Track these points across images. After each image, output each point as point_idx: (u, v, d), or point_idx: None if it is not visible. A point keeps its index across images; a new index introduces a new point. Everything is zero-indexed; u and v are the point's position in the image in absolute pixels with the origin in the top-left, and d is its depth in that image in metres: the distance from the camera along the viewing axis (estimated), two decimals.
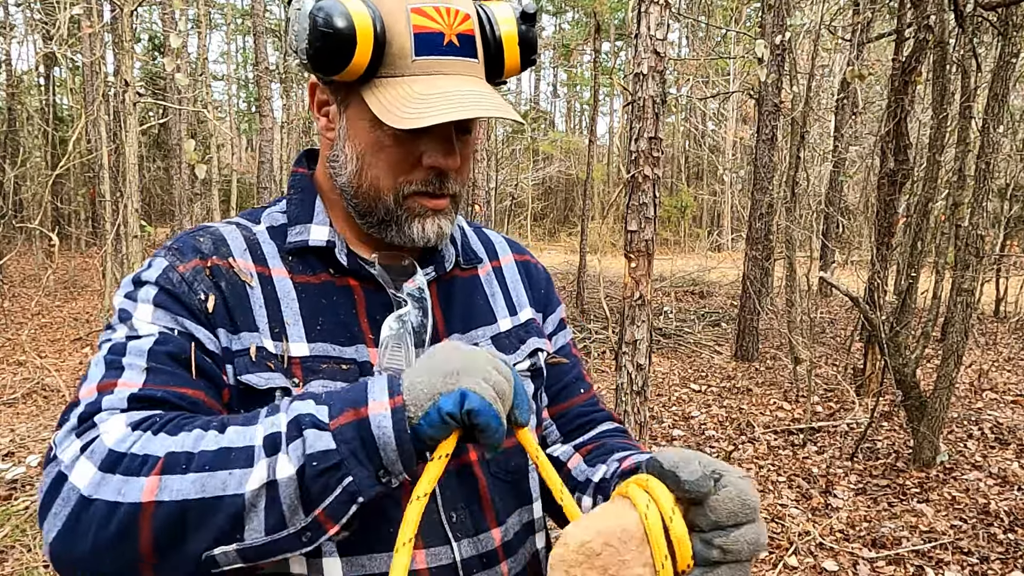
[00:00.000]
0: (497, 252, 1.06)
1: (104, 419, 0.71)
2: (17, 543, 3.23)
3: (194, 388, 0.76)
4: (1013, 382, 6.56)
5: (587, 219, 11.58)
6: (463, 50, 0.83)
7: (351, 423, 0.68)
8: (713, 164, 23.05)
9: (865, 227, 9.92)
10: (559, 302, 1.10)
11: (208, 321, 0.80)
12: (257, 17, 10.84)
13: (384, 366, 0.84)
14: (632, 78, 3.42)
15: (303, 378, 0.81)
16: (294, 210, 0.92)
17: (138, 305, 0.80)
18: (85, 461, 0.67)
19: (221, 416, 0.74)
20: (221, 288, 0.82)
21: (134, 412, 0.72)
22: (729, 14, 13.45)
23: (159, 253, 0.86)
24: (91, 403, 0.72)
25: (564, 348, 1.07)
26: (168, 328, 0.79)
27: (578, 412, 1.03)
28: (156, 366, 0.75)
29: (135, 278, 0.83)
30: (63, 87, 18.63)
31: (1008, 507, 3.79)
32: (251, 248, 0.88)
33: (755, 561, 3.37)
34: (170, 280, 0.81)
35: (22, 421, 5.16)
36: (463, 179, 0.90)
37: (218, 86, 29.69)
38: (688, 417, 5.64)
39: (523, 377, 0.95)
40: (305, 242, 0.89)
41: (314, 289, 0.87)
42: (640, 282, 3.42)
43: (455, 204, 0.91)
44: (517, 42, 0.88)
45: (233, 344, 0.81)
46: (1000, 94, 4.06)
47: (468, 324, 0.94)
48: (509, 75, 0.90)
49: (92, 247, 15.17)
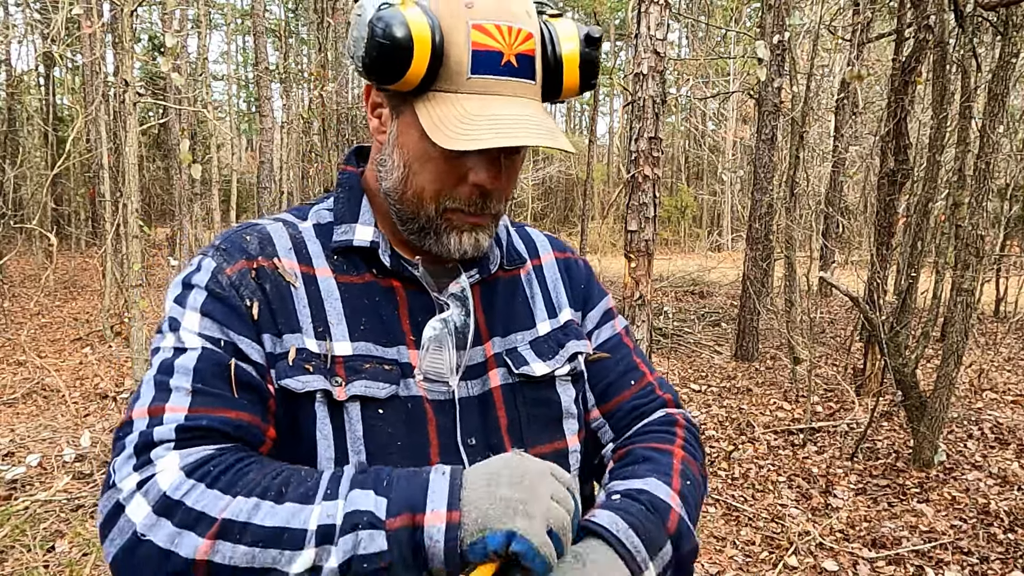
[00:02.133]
0: (538, 250, 1.05)
1: (160, 455, 0.74)
2: (17, 543, 3.22)
3: (237, 409, 0.78)
4: (1013, 382, 6.57)
5: (587, 219, 11.58)
6: (521, 71, 0.82)
7: (407, 528, 0.70)
8: (713, 164, 23.05)
9: (865, 227, 9.91)
10: (602, 294, 1.08)
11: (254, 327, 0.82)
12: (257, 17, 10.84)
13: (424, 368, 0.85)
14: (632, 78, 3.42)
15: (346, 377, 0.82)
16: (340, 209, 0.93)
17: (186, 312, 0.82)
18: (141, 499, 0.72)
19: (276, 470, 0.75)
20: (266, 290, 0.84)
21: (185, 448, 0.75)
22: (729, 14, 13.45)
23: (207, 252, 0.87)
24: (144, 432, 0.75)
25: (609, 341, 1.04)
26: (214, 340, 0.80)
27: (631, 406, 1.00)
28: (201, 387, 0.78)
29: (185, 279, 0.85)
30: (63, 87, 18.62)
31: (1008, 507, 3.79)
32: (296, 247, 0.89)
33: (755, 561, 3.37)
34: (219, 283, 0.83)
35: (22, 421, 5.16)
36: (507, 197, 0.90)
37: (218, 86, 29.72)
38: None
39: (563, 382, 0.95)
40: (350, 241, 0.89)
41: (357, 289, 0.88)
42: (640, 282, 3.42)
43: (495, 220, 0.91)
44: (578, 63, 0.87)
45: (276, 348, 0.82)
46: (1000, 94, 4.06)
47: (508, 328, 0.95)
48: (567, 95, 0.89)
49: (92, 247, 15.17)
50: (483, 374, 0.91)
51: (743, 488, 4.21)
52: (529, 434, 0.91)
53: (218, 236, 0.90)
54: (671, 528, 0.84)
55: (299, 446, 0.82)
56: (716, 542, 3.55)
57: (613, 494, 0.87)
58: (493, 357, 0.92)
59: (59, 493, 3.73)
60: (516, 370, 0.92)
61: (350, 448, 0.82)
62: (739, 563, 3.35)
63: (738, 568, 3.31)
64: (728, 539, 3.58)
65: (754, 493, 4.15)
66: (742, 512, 3.88)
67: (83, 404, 5.62)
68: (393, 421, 0.83)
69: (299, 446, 0.82)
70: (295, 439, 0.82)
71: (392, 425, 0.83)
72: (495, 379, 0.91)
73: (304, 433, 0.82)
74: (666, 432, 0.97)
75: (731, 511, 3.91)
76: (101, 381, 6.26)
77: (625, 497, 0.85)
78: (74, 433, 4.77)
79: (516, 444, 0.90)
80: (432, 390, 0.86)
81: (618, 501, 0.85)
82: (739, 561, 3.37)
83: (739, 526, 3.74)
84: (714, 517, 3.83)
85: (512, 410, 0.91)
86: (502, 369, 0.92)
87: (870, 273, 5.58)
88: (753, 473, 4.44)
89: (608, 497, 0.87)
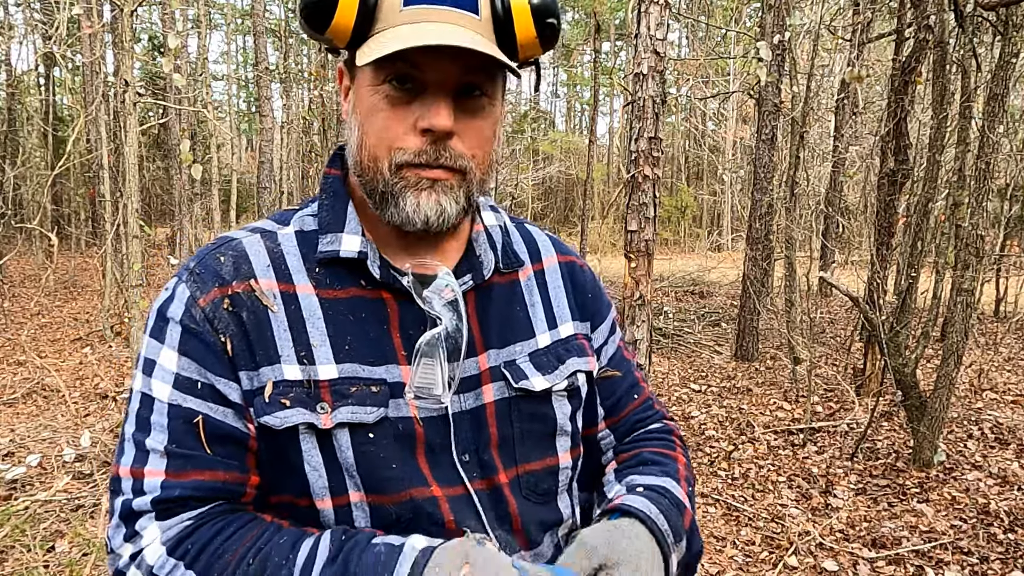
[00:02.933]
0: (540, 253, 0.99)
1: (143, 526, 0.78)
2: (17, 543, 3.22)
3: (211, 469, 0.78)
4: (1013, 382, 6.56)
5: (587, 219, 11.58)
6: (458, 1, 0.77)
7: None
8: (713, 164, 23.05)
9: (865, 227, 9.92)
10: (609, 305, 1.04)
11: (230, 362, 0.79)
12: (257, 17, 10.84)
13: (416, 384, 0.82)
14: (632, 78, 3.42)
15: (332, 403, 0.79)
16: (325, 216, 0.86)
17: (163, 350, 0.80)
18: (136, 571, 0.77)
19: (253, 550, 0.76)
20: (241, 319, 0.80)
21: (164, 520, 0.77)
22: (729, 14, 13.45)
23: (181, 276, 0.83)
24: (126, 500, 0.78)
25: (615, 356, 1.02)
26: (190, 383, 0.79)
27: (635, 419, 1.02)
28: (174, 449, 0.78)
29: (160, 309, 0.82)
30: (63, 87, 18.63)
31: (1008, 507, 3.79)
32: (275, 263, 0.84)
33: (755, 561, 3.37)
34: (193, 318, 0.80)
35: (22, 421, 5.16)
36: (473, 151, 0.81)
37: (218, 86, 29.71)
38: (688, 417, 5.64)
39: (559, 398, 0.92)
40: (336, 252, 0.84)
41: (342, 305, 0.83)
42: (640, 282, 3.42)
43: (464, 181, 0.82)
44: (529, 12, 0.80)
45: (253, 383, 0.79)
46: (1000, 94, 4.06)
47: (505, 339, 0.90)
48: (526, 48, 0.82)
49: (92, 247, 15.17)
50: (476, 387, 0.87)
51: (743, 488, 4.22)
52: (521, 450, 0.89)
53: (195, 255, 0.85)
54: (687, 524, 0.89)
55: (291, 479, 0.81)
56: (716, 542, 3.55)
57: (637, 487, 0.90)
58: (489, 371, 0.88)
59: (59, 493, 3.73)
60: (515, 384, 0.88)
61: (345, 475, 0.80)
62: (739, 563, 3.35)
63: (738, 568, 3.31)
64: (728, 539, 3.58)
65: (754, 493, 4.15)
66: (742, 512, 3.88)
67: (83, 404, 5.62)
68: (385, 445, 0.80)
69: (291, 479, 0.81)
70: (285, 473, 0.81)
71: (384, 449, 0.80)
72: (489, 393, 0.87)
73: (293, 466, 0.80)
74: (667, 439, 1.01)
75: (731, 511, 3.91)
76: (101, 381, 6.26)
77: (649, 490, 0.89)
78: (74, 433, 4.77)
79: (507, 461, 0.88)
80: (423, 407, 0.83)
81: (644, 492, 0.88)
82: (739, 561, 3.37)
83: (739, 526, 3.74)
84: (714, 517, 3.83)
85: (506, 426, 0.88)
86: (498, 383, 0.88)
87: (870, 273, 5.58)
88: (753, 473, 4.44)
89: (632, 489, 0.90)
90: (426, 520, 0.81)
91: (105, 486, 3.82)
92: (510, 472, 0.88)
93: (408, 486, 0.81)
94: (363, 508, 0.81)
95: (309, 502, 0.81)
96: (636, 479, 0.92)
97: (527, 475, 0.89)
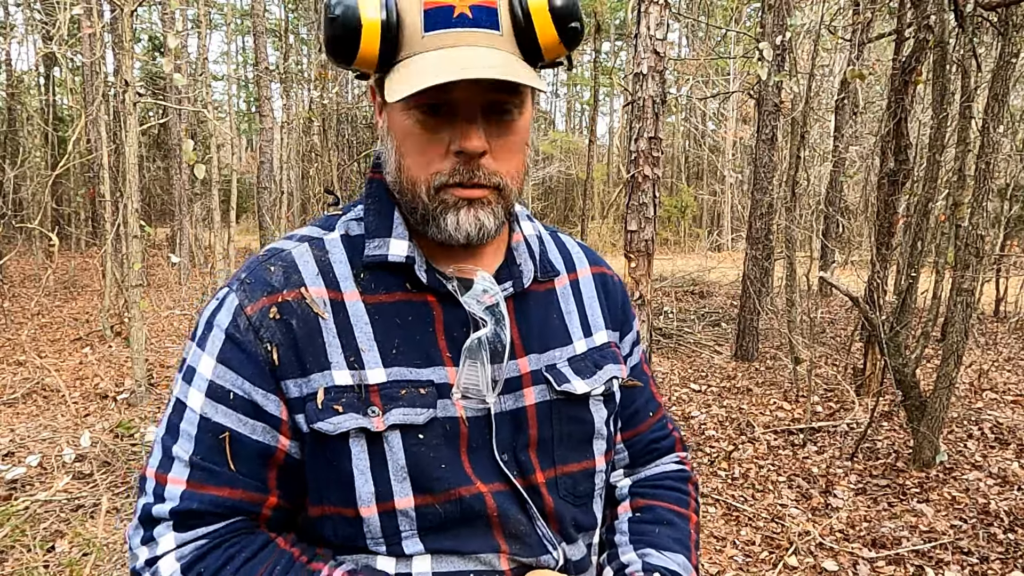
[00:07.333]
0: (575, 263, 1.02)
1: (161, 533, 0.81)
2: (17, 543, 3.22)
3: (231, 486, 0.81)
4: (1013, 382, 6.56)
5: (587, 219, 11.59)
6: (478, 21, 0.77)
7: None
8: (713, 164, 23.05)
9: (865, 227, 9.92)
10: (634, 316, 1.08)
11: (272, 374, 0.81)
12: (257, 17, 10.83)
13: (462, 384, 0.84)
14: (632, 78, 3.42)
15: (383, 407, 0.81)
16: (372, 221, 0.88)
17: (203, 357, 0.83)
18: None
19: None
20: (291, 326, 0.81)
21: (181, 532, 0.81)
22: (729, 14, 13.45)
23: (232, 286, 0.85)
24: (147, 504, 0.82)
25: (637, 367, 1.06)
26: (223, 392, 0.81)
27: (650, 439, 1.06)
28: (199, 461, 0.81)
29: (208, 318, 0.84)
30: (63, 87, 18.62)
31: (1008, 507, 3.79)
32: (323, 271, 0.85)
33: (755, 561, 3.37)
34: (237, 327, 0.82)
35: (22, 421, 5.16)
36: (506, 169, 0.83)
37: (218, 86, 29.70)
38: (688, 417, 5.64)
39: (596, 402, 0.94)
40: (384, 257, 0.85)
41: (388, 309, 0.85)
42: (640, 282, 3.42)
43: (501, 197, 0.84)
44: (548, 14, 0.79)
45: (303, 390, 0.81)
46: (1000, 94, 4.06)
47: (545, 344, 0.92)
48: (550, 51, 0.81)
49: (92, 247, 15.17)
50: (518, 389, 0.89)
51: (743, 488, 4.22)
52: (560, 452, 0.91)
53: (244, 264, 0.88)
54: None
55: (336, 487, 0.83)
56: (716, 542, 3.55)
57: (649, 569, 0.93)
58: (530, 374, 0.90)
59: (59, 493, 3.74)
60: (558, 387, 0.90)
61: (392, 477, 0.82)
62: (739, 563, 3.35)
63: (738, 568, 3.31)
64: (728, 539, 3.58)
65: (754, 493, 4.15)
66: (742, 512, 3.88)
67: (83, 404, 5.62)
68: (435, 445, 0.83)
69: (336, 487, 0.83)
70: (331, 481, 0.83)
71: (434, 449, 0.83)
72: (530, 396, 0.89)
73: (340, 472, 0.82)
74: (682, 492, 1.05)
75: (731, 511, 3.91)
76: (101, 381, 6.26)
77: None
78: (74, 433, 4.77)
79: (545, 462, 0.90)
80: (469, 407, 0.85)
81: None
82: (739, 561, 3.37)
83: (739, 526, 3.74)
84: (714, 517, 3.83)
85: (546, 428, 0.90)
86: (540, 386, 0.90)
87: (870, 273, 5.58)
88: (753, 473, 4.44)
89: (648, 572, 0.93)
90: (474, 518, 0.84)
91: (105, 486, 3.82)
92: (547, 473, 0.90)
93: (456, 484, 0.83)
94: (408, 514, 0.82)
95: (354, 511, 0.82)
96: (652, 558, 0.95)
97: (565, 477, 0.92)
